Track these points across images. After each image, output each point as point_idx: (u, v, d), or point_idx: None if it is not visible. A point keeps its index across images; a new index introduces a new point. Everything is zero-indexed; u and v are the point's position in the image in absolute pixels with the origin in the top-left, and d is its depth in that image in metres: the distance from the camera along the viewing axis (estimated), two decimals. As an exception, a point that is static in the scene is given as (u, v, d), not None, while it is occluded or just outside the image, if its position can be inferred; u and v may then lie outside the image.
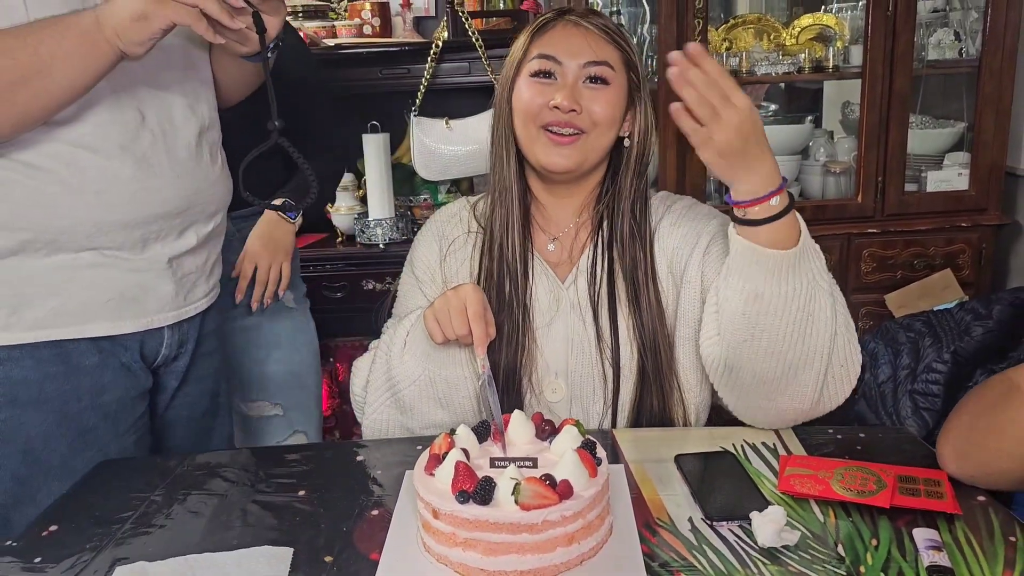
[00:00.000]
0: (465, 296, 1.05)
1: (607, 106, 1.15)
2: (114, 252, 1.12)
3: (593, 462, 0.86)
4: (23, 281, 1.09)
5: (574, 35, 1.15)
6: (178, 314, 1.23)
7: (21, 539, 0.95)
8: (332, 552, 0.89)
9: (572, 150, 1.15)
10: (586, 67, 1.14)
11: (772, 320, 1.02)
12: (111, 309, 1.15)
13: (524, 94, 1.16)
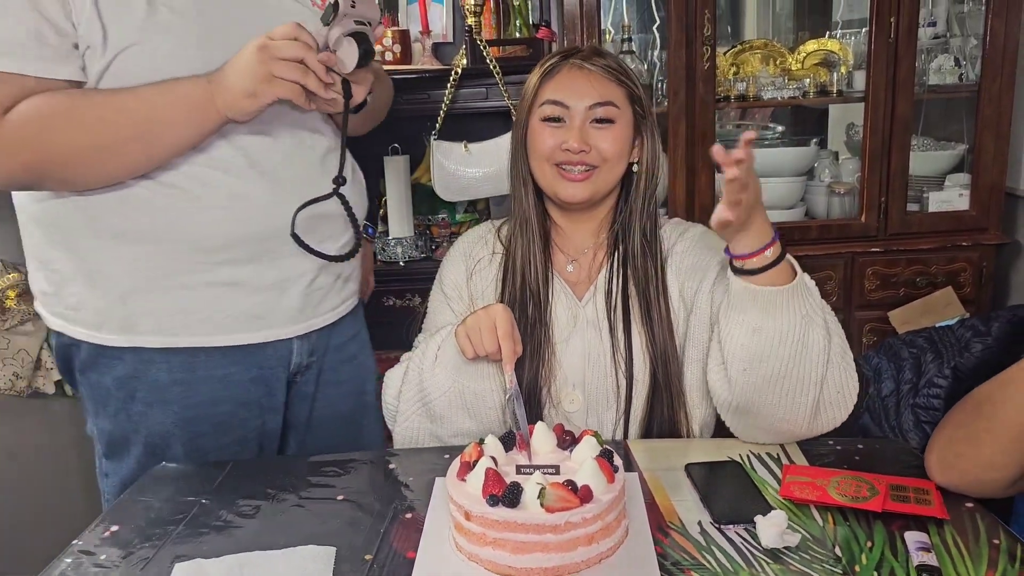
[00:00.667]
0: (495, 315, 1.14)
1: (614, 143, 1.24)
2: (243, 266, 1.21)
3: (611, 469, 0.94)
4: (163, 292, 1.19)
5: (579, 78, 1.24)
6: (306, 326, 1.31)
7: (85, 539, 1.04)
8: (371, 551, 0.97)
9: (585, 184, 1.24)
10: (592, 109, 1.23)
11: (769, 351, 1.10)
12: (240, 321, 1.24)
13: (537, 137, 1.25)
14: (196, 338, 1.23)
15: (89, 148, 1.11)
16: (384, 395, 1.32)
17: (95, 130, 1.10)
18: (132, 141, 1.11)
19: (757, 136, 1.03)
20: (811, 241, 2.38)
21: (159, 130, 1.10)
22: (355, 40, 1.09)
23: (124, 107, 1.10)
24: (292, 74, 1.07)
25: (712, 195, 2.36)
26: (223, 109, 1.11)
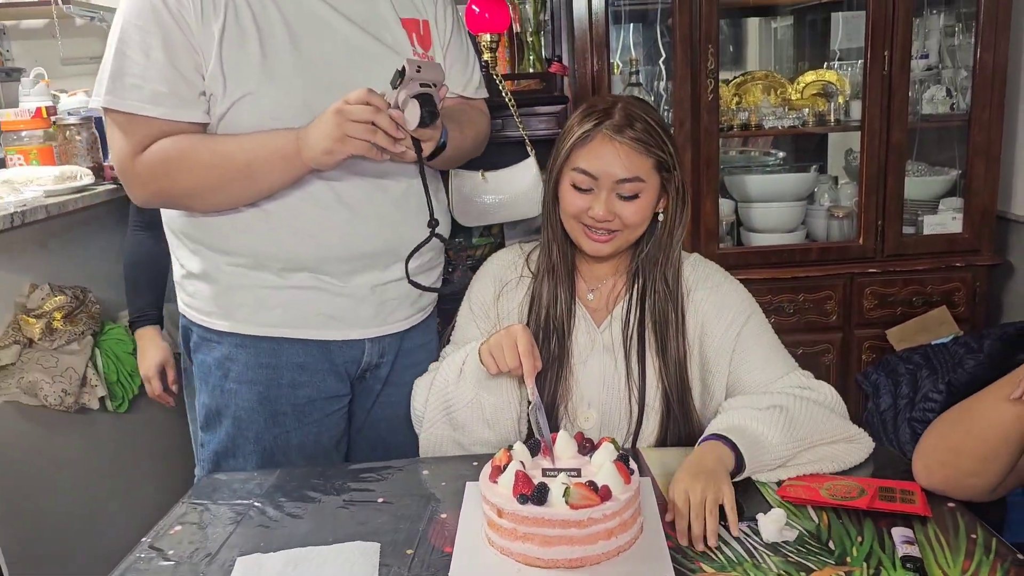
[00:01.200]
0: (516, 335, 1.26)
1: (637, 213, 1.32)
2: (326, 278, 1.39)
3: (627, 471, 1.05)
4: (257, 291, 1.40)
5: (609, 152, 1.29)
6: (378, 331, 1.47)
7: (152, 538, 1.15)
8: (412, 546, 1.09)
9: (608, 244, 1.34)
10: (619, 184, 1.30)
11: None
12: (319, 321, 1.42)
13: (567, 197, 1.34)
14: (279, 330, 1.42)
15: (202, 187, 1.32)
16: (413, 402, 1.44)
17: (207, 173, 1.30)
18: (236, 182, 1.31)
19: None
20: (811, 263, 2.49)
21: (257, 175, 1.30)
22: (419, 102, 1.22)
23: (230, 155, 1.29)
24: (363, 134, 1.21)
25: (716, 219, 2.48)
26: (307, 162, 1.28)
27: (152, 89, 1.27)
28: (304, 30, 1.33)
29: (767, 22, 3.07)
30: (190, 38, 1.27)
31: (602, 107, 1.33)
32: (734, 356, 1.36)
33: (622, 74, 2.56)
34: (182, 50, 1.28)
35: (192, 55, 1.28)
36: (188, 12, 1.27)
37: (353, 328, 1.45)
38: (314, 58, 1.32)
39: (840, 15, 2.77)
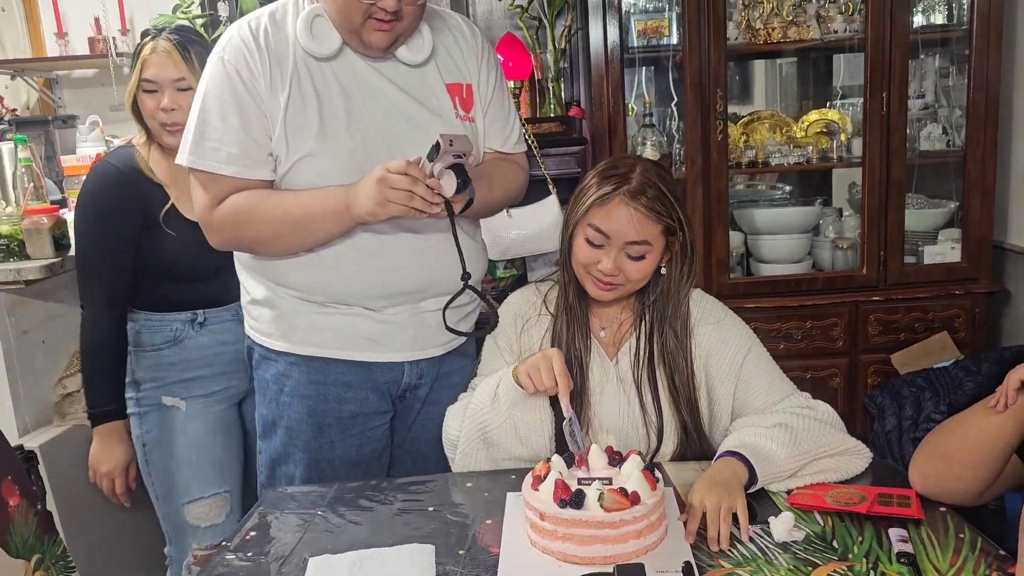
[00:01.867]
0: (551, 357, 1.40)
1: (641, 271, 1.46)
2: (367, 309, 1.56)
3: (653, 480, 1.20)
4: (309, 316, 1.56)
5: (623, 215, 1.42)
6: (416, 355, 1.61)
7: (231, 541, 1.30)
8: (463, 547, 1.23)
9: (611, 292, 1.48)
10: (628, 245, 1.43)
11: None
12: (362, 344, 1.58)
13: (579, 249, 1.48)
14: (327, 351, 1.58)
15: (266, 237, 1.49)
16: (446, 427, 1.57)
17: (269, 226, 1.48)
18: (293, 234, 1.48)
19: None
20: (817, 291, 2.64)
21: (312, 227, 1.47)
22: (454, 172, 1.39)
23: (289, 210, 1.46)
24: (402, 200, 1.37)
25: (727, 251, 2.63)
26: (355, 218, 1.44)
27: (228, 151, 1.46)
28: (358, 98, 1.49)
29: (773, 62, 3.23)
30: (261, 106, 1.46)
31: (623, 170, 1.45)
32: (738, 384, 1.50)
33: (636, 116, 2.73)
34: (254, 117, 1.46)
35: (262, 121, 1.46)
36: (259, 84, 1.45)
37: (393, 351, 1.60)
38: (365, 124, 1.49)
39: (842, 56, 2.94)
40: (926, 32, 2.66)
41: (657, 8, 2.65)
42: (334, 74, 1.49)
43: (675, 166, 2.68)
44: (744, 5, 2.68)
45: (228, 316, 1.87)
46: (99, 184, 1.78)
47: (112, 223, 1.76)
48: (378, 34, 1.44)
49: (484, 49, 1.63)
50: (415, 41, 1.52)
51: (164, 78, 1.74)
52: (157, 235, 1.78)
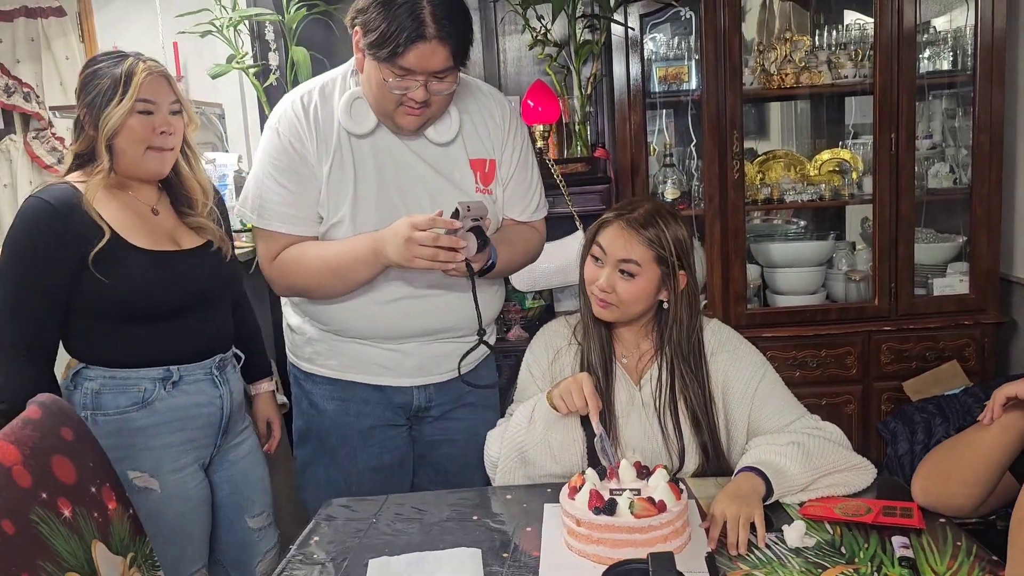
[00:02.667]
0: (581, 379, 1.55)
1: (630, 291, 1.59)
2: (379, 343, 1.78)
3: (678, 490, 1.34)
4: (329, 343, 1.80)
5: (618, 236, 1.58)
6: (423, 380, 1.81)
7: (297, 546, 1.44)
8: (507, 551, 1.37)
9: (608, 311, 1.62)
10: (620, 263, 1.58)
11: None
12: (374, 370, 1.80)
13: (585, 268, 1.65)
14: (344, 374, 1.81)
15: (313, 284, 1.72)
16: (487, 449, 1.72)
17: (312, 275, 1.70)
18: (333, 280, 1.69)
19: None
20: (831, 322, 2.77)
21: (346, 274, 1.67)
22: (475, 234, 1.57)
23: (327, 259, 1.68)
24: (426, 255, 1.55)
25: (744, 283, 2.77)
26: (384, 264, 1.63)
27: (285, 212, 1.69)
28: (389, 173, 1.68)
29: (787, 104, 3.38)
30: (311, 171, 1.67)
31: (632, 205, 1.63)
32: (753, 407, 1.63)
33: (657, 156, 2.89)
34: (306, 182, 1.67)
35: (314, 184, 1.67)
36: (309, 153, 1.66)
37: (401, 376, 1.80)
38: (392, 195, 1.68)
39: (853, 98, 3.09)
40: (933, 77, 2.81)
41: (677, 56, 2.82)
42: (370, 149, 1.68)
43: (694, 203, 2.83)
44: (759, 51, 2.84)
45: (202, 375, 1.72)
46: (26, 221, 1.58)
47: (38, 261, 1.57)
48: (408, 118, 1.63)
49: (512, 125, 1.79)
50: (443, 123, 1.70)
51: (161, 100, 1.63)
52: (102, 273, 1.58)
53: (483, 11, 2.98)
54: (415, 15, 1.49)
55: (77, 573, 1.15)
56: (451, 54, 1.54)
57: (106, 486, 1.33)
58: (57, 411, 1.31)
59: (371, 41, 1.53)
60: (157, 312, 1.65)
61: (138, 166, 1.64)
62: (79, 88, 1.64)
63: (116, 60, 1.62)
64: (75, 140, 1.66)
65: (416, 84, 1.55)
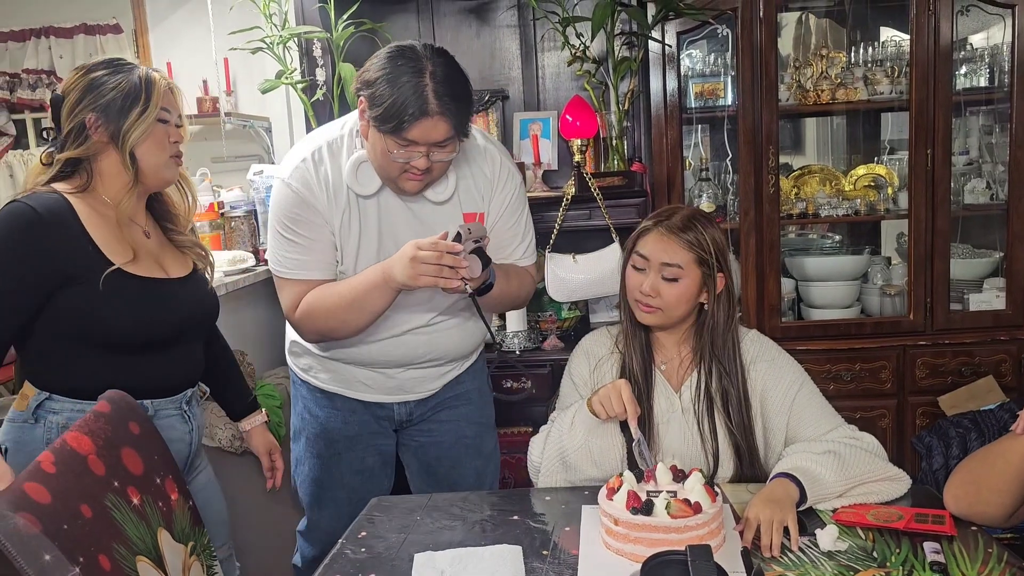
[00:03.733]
0: (620, 386, 1.60)
1: (674, 295, 1.65)
2: (366, 367, 1.91)
3: (714, 493, 1.38)
4: (318, 359, 1.94)
5: (659, 242, 1.64)
6: (401, 398, 1.95)
7: (347, 539, 1.51)
8: (547, 549, 1.42)
9: (652, 316, 1.68)
10: (663, 267, 1.64)
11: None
12: (356, 386, 1.94)
13: (627, 277, 1.71)
14: (330, 386, 1.96)
15: (335, 323, 1.79)
16: (530, 455, 1.77)
17: (333, 313, 1.77)
18: (351, 313, 1.76)
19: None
20: (866, 336, 2.78)
21: (362, 303, 1.75)
22: (478, 256, 1.65)
23: (343, 294, 1.76)
24: (431, 274, 1.61)
25: (779, 296, 2.80)
26: (394, 287, 1.70)
27: (300, 260, 1.79)
28: (387, 230, 1.79)
29: (823, 119, 3.41)
30: (322, 220, 1.76)
31: (669, 212, 1.70)
32: (791, 417, 1.67)
33: (693, 170, 2.94)
34: (318, 230, 1.77)
35: (326, 232, 1.77)
36: (320, 204, 1.75)
37: (382, 394, 1.94)
38: (391, 249, 1.74)
39: (889, 114, 3.11)
40: (969, 93, 2.83)
41: (713, 72, 2.87)
42: (374, 208, 1.78)
43: (729, 217, 2.87)
44: (795, 67, 2.88)
45: (173, 410, 1.65)
46: (5, 225, 1.46)
47: (11, 269, 1.45)
48: (411, 183, 1.72)
49: (501, 178, 1.86)
50: (440, 184, 1.79)
51: (174, 110, 1.61)
52: (84, 298, 1.49)
53: (523, 29, 3.06)
54: (419, 93, 1.58)
55: (146, 557, 1.23)
56: (452, 127, 1.63)
57: (169, 478, 1.41)
58: (125, 407, 1.40)
59: (377, 115, 1.61)
60: (140, 343, 1.56)
61: (160, 175, 1.60)
62: (78, 94, 1.53)
63: (121, 67, 1.56)
64: (72, 146, 1.53)
65: (419, 154, 1.64)
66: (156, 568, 1.24)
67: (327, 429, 1.96)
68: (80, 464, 1.16)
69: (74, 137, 1.53)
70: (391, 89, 1.59)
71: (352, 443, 1.96)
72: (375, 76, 1.62)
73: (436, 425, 1.99)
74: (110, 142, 1.54)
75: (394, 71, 1.60)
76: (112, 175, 1.56)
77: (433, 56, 1.63)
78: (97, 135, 1.53)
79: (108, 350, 1.53)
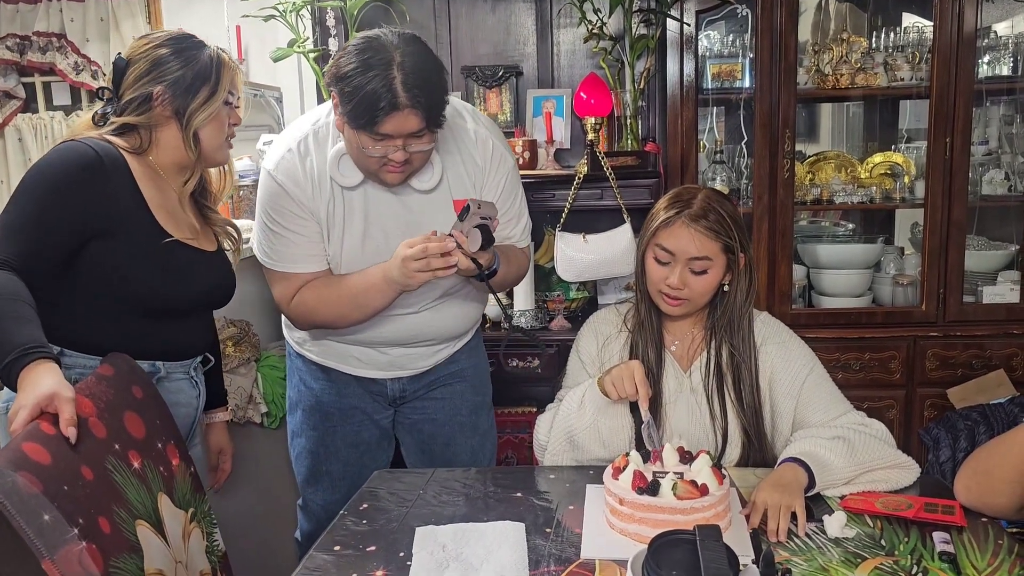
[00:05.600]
0: (633, 367, 1.58)
1: (704, 285, 1.64)
2: (358, 344, 1.90)
3: (720, 475, 1.36)
4: (313, 337, 1.94)
5: (684, 235, 1.60)
6: (394, 374, 1.95)
7: (348, 510, 1.50)
8: (550, 527, 1.41)
9: (680, 307, 1.66)
10: (690, 261, 1.61)
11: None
12: (351, 361, 1.93)
13: (650, 269, 1.67)
14: (325, 360, 1.95)
15: (333, 316, 1.81)
16: (536, 434, 1.76)
17: (332, 307, 1.79)
18: (353, 310, 1.78)
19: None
20: (877, 325, 2.76)
21: (363, 302, 1.76)
22: (480, 231, 1.64)
23: (343, 293, 1.77)
24: (422, 269, 1.63)
25: (790, 283, 2.77)
26: (395, 288, 1.71)
27: (290, 253, 1.78)
28: (377, 218, 1.77)
29: (840, 105, 3.36)
30: (309, 212, 1.75)
31: (686, 197, 1.64)
32: (799, 400, 1.65)
33: (707, 152, 2.90)
34: (306, 222, 1.76)
35: (314, 223, 1.76)
36: (306, 195, 1.74)
37: (375, 370, 1.93)
38: (378, 238, 1.77)
39: (908, 101, 3.06)
40: (991, 82, 2.78)
41: (731, 53, 2.82)
42: (359, 199, 1.77)
43: (743, 201, 2.84)
44: (814, 51, 2.84)
45: (182, 374, 1.65)
46: (66, 160, 1.45)
47: (64, 200, 1.43)
48: (391, 175, 1.70)
49: (493, 164, 1.83)
50: (426, 172, 1.76)
51: (237, 92, 1.63)
52: (124, 251, 1.49)
53: (539, 4, 3.01)
54: (388, 86, 1.55)
55: (145, 521, 1.22)
56: (424, 120, 1.60)
57: (171, 443, 1.40)
58: (128, 370, 1.38)
59: (348, 111, 1.59)
60: (159, 307, 1.56)
61: (215, 156, 1.62)
62: (148, 64, 1.53)
63: (191, 45, 1.57)
64: (133, 113, 1.53)
65: (395, 147, 1.62)
66: (155, 532, 1.23)
67: (322, 402, 1.96)
68: (81, 426, 1.15)
69: (137, 105, 1.54)
70: (361, 84, 1.56)
71: (347, 416, 1.96)
72: (344, 71, 1.59)
73: (430, 403, 1.99)
74: (173, 117, 1.55)
75: (362, 65, 1.57)
76: (169, 147, 1.57)
77: (402, 45, 1.59)
78: (161, 108, 1.54)
79: (129, 309, 1.53)
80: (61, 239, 1.44)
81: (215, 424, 1.85)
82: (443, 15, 3.04)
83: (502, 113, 3.09)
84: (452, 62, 3.03)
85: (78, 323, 1.50)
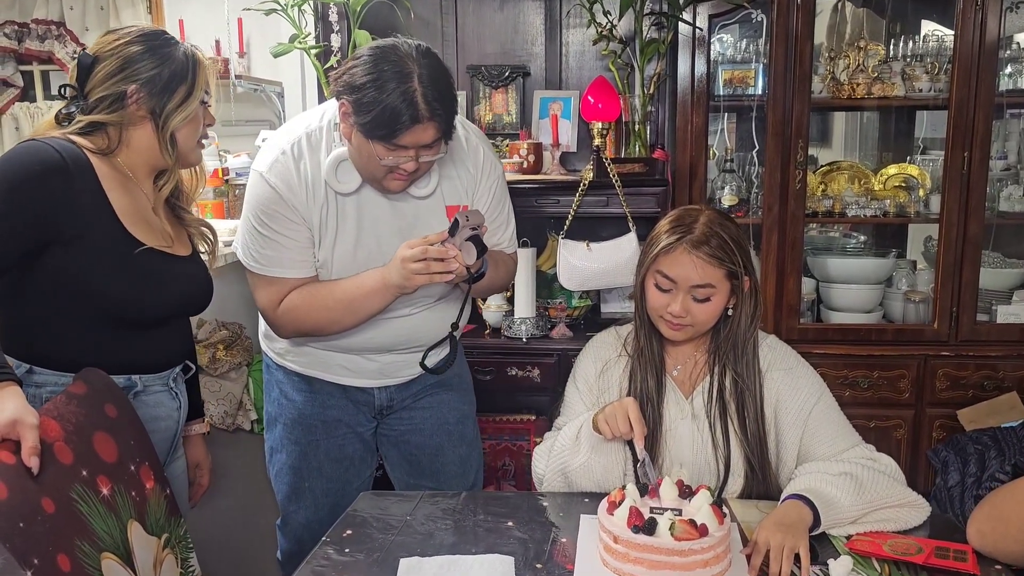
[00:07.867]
0: (627, 405, 1.51)
1: (707, 313, 1.57)
2: (345, 352, 1.85)
3: (721, 514, 1.29)
4: (296, 343, 1.86)
5: (687, 262, 1.53)
6: (379, 383, 1.90)
7: (330, 537, 1.44)
8: (541, 562, 1.34)
9: (682, 332, 1.59)
10: (693, 289, 1.54)
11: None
12: (336, 370, 1.88)
13: (650, 295, 1.59)
14: (309, 371, 1.89)
15: (324, 322, 1.76)
16: (534, 466, 1.70)
17: (323, 313, 1.74)
18: (346, 315, 1.75)
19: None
20: (887, 342, 2.68)
21: (359, 307, 1.73)
22: (473, 243, 1.63)
23: (338, 297, 1.73)
24: (422, 271, 1.61)
25: (798, 297, 2.69)
26: (393, 291, 1.69)
27: (280, 257, 1.72)
28: (368, 226, 1.74)
29: (855, 113, 3.28)
30: (300, 216, 1.70)
31: (688, 221, 1.57)
32: (806, 431, 1.58)
33: (717, 160, 2.82)
34: (297, 226, 1.71)
35: (304, 228, 1.71)
36: (299, 200, 1.69)
37: (363, 378, 1.88)
38: (370, 244, 1.74)
39: (925, 112, 2.98)
40: (1013, 95, 2.69)
41: (744, 59, 2.74)
42: (354, 205, 1.73)
43: (752, 211, 2.76)
44: (830, 57, 2.75)
45: (160, 386, 1.58)
46: (23, 160, 1.38)
47: (20, 202, 1.35)
48: (396, 183, 1.67)
49: (484, 171, 1.82)
50: (422, 180, 1.73)
51: (211, 91, 1.58)
52: (89, 258, 1.42)
53: (548, 3, 2.93)
54: (409, 99, 1.53)
55: (112, 553, 1.16)
56: (440, 131, 1.60)
57: (145, 465, 1.33)
58: (103, 387, 1.32)
59: (365, 122, 1.56)
60: (132, 317, 1.49)
61: (188, 158, 1.57)
62: (119, 62, 1.45)
63: (164, 42, 1.50)
64: (104, 111, 1.45)
65: (408, 158, 1.61)
66: (123, 565, 1.17)
67: (304, 414, 1.90)
68: (45, 452, 1.08)
69: (109, 103, 1.47)
70: (379, 95, 1.53)
71: (330, 429, 1.90)
72: (361, 81, 1.55)
73: (417, 412, 1.94)
74: (148, 117, 1.49)
75: (380, 76, 1.54)
76: (141, 148, 1.51)
77: (419, 57, 1.57)
78: (136, 107, 1.47)
79: (100, 320, 1.46)
80: (15, 244, 1.36)
81: (192, 437, 1.77)
82: (449, 12, 2.97)
83: (508, 114, 3.02)
84: (457, 61, 2.96)
85: (47, 337, 1.44)
